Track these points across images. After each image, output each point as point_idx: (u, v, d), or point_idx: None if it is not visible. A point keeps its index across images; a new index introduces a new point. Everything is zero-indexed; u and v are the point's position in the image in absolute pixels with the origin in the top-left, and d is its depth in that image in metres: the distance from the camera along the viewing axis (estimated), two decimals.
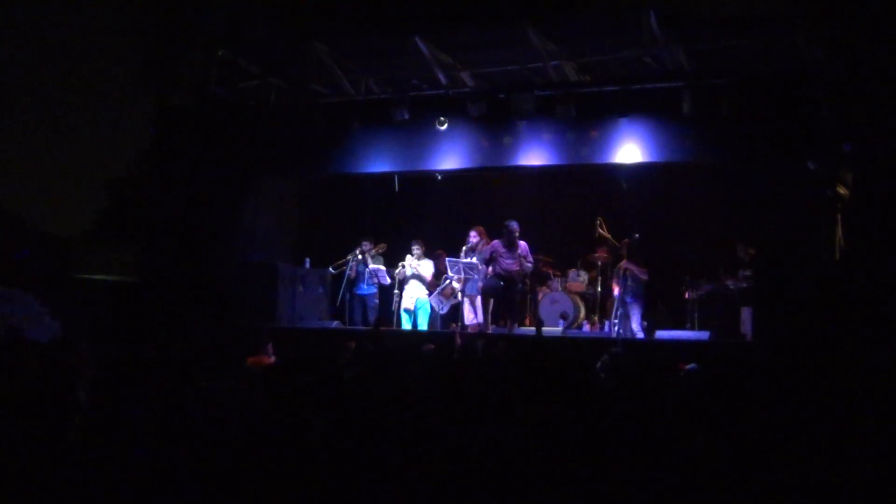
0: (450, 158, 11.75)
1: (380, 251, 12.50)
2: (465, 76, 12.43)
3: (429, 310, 12.17)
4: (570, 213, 13.08)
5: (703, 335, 10.56)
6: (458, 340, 9.44)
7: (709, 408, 5.56)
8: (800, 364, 8.34)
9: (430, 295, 12.10)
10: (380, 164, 12.13)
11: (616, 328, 10.98)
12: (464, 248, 11.84)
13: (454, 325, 11.57)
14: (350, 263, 12.22)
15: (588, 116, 10.93)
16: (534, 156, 11.36)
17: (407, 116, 11.50)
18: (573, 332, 11.62)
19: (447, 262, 11.77)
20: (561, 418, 5.09)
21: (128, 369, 6.31)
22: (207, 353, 9.62)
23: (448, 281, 11.92)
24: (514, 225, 11.26)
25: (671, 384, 6.56)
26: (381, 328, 10.71)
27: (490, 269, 11.41)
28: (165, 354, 8.70)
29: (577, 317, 12.09)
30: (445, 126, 11.50)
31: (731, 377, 7.66)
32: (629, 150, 10.86)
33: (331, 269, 12.48)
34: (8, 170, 13.93)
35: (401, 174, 12.53)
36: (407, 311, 12.16)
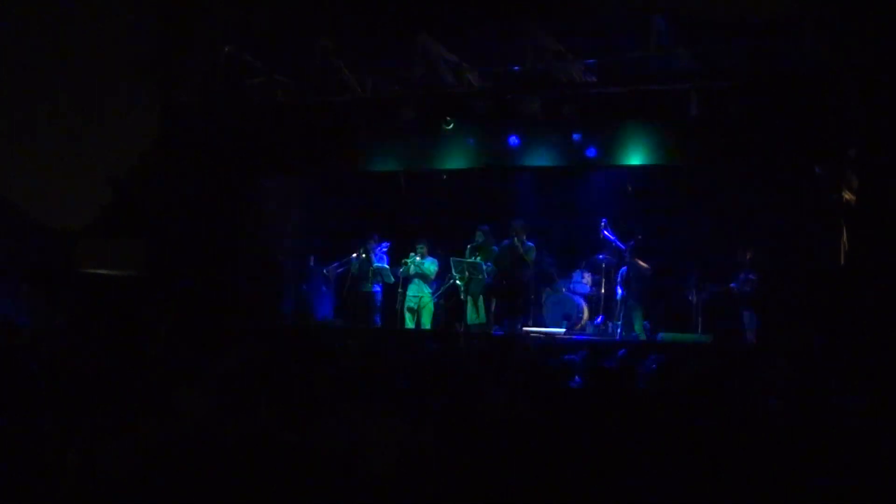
0: (455, 158, 11.75)
1: (384, 250, 12.48)
2: (471, 76, 12.41)
3: (433, 309, 12.15)
4: (575, 214, 13.05)
5: (706, 338, 10.55)
6: (462, 340, 9.44)
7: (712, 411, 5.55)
8: (804, 369, 8.33)
9: (433, 294, 12.08)
10: (385, 162, 12.13)
11: (619, 330, 10.97)
12: (468, 246, 11.84)
13: (457, 324, 11.56)
14: (354, 261, 12.20)
15: (594, 118, 10.92)
16: (539, 156, 11.35)
17: (413, 115, 11.49)
18: (577, 334, 11.60)
19: (451, 262, 11.76)
20: (566, 420, 5.08)
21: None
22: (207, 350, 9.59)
23: (451, 281, 11.91)
24: (518, 224, 11.25)
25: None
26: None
27: (494, 268, 11.41)
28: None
29: (580, 318, 12.07)
30: (452, 126, 11.50)
31: (734, 380, 7.63)
32: (635, 151, 10.85)
33: (324, 270, 12.41)
34: (12, 163, 13.93)
35: (406, 173, 12.52)
36: (410, 310, 12.14)
